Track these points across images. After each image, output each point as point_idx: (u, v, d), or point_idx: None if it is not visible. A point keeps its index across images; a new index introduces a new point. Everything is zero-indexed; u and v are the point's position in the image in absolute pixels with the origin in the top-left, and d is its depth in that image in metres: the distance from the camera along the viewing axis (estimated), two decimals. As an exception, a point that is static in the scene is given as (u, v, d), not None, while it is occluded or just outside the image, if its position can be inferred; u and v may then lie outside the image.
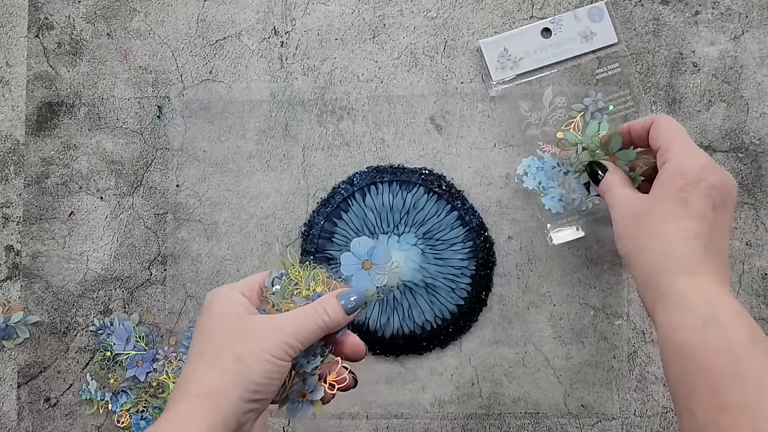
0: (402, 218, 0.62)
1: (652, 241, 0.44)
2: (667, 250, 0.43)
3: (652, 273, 0.43)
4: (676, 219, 0.43)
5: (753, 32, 0.63)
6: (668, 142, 0.47)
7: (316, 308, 0.43)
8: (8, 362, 0.63)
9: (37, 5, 0.65)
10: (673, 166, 0.45)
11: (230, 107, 0.64)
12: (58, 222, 0.63)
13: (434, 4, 0.64)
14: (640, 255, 0.44)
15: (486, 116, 0.63)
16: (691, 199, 0.43)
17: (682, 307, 0.41)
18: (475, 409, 0.61)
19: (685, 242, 0.42)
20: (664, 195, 0.44)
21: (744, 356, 0.38)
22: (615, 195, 0.49)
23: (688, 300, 0.41)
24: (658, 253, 0.43)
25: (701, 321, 0.39)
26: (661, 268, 0.43)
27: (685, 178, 0.44)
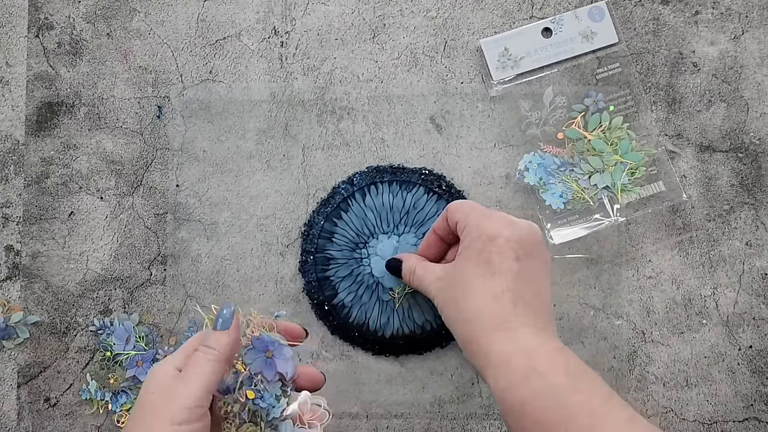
0: (402, 218, 0.62)
1: (466, 305, 0.45)
2: (480, 311, 0.44)
3: (472, 336, 0.44)
4: (482, 279, 0.44)
5: (753, 32, 0.63)
6: (464, 216, 0.48)
7: (201, 352, 0.42)
8: (8, 362, 0.63)
9: (37, 5, 0.65)
10: (470, 231, 0.46)
11: (230, 107, 0.64)
12: (58, 222, 0.63)
13: (434, 4, 0.64)
14: (457, 321, 0.45)
15: (486, 116, 0.63)
16: (492, 257, 0.44)
17: (504, 366, 0.42)
18: (475, 409, 0.62)
19: (494, 300, 0.43)
20: (468, 259, 0.45)
21: (567, 396, 0.39)
22: (420, 277, 0.51)
23: (507, 357, 0.42)
24: (473, 315, 0.44)
25: (522, 375, 0.41)
26: (478, 329, 0.44)
27: (483, 239, 0.45)
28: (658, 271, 0.62)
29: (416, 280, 0.51)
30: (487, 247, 0.45)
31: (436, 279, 0.49)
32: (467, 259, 0.45)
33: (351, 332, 0.61)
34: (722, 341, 0.61)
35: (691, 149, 0.63)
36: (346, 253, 0.62)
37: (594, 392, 0.40)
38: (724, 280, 0.62)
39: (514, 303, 0.43)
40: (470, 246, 0.46)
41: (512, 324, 0.43)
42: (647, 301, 0.62)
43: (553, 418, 0.39)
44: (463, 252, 0.46)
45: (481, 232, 0.45)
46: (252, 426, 0.42)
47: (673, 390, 0.61)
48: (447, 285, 0.47)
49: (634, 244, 0.62)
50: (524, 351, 0.42)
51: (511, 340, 0.42)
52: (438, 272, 0.49)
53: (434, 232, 0.53)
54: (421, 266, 0.51)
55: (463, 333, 0.45)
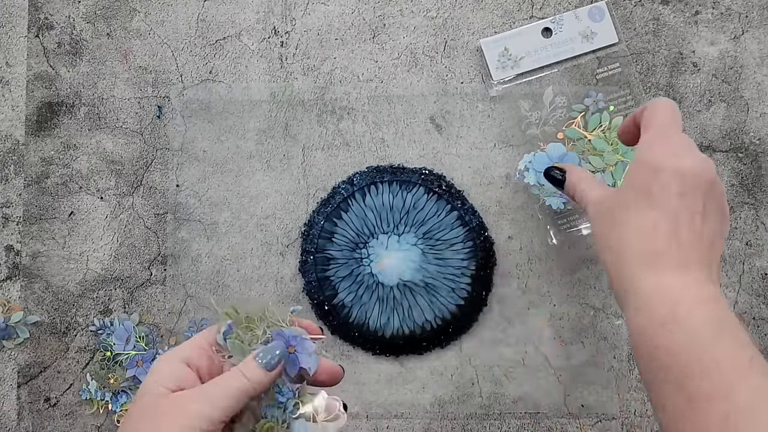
0: (402, 218, 0.62)
1: (619, 236, 0.43)
2: (629, 243, 0.42)
3: (617, 269, 0.42)
4: (639, 211, 0.42)
5: (753, 32, 0.63)
6: (644, 126, 0.45)
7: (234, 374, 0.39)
8: (8, 362, 0.63)
9: (37, 5, 0.65)
10: (638, 155, 0.43)
11: (230, 107, 0.64)
12: (58, 222, 0.63)
13: (434, 4, 0.64)
14: (607, 251, 0.43)
15: (486, 116, 0.63)
16: (653, 190, 0.41)
17: (643, 309, 0.40)
18: (475, 409, 0.61)
19: (646, 234, 0.41)
20: (630, 187, 0.43)
21: (706, 348, 0.37)
22: (583, 195, 0.49)
23: (649, 297, 0.40)
24: (622, 248, 0.42)
25: (659, 321, 0.39)
26: (626, 263, 0.42)
27: (647, 168, 0.42)
28: (658, 271, 0.62)
29: (579, 198, 0.49)
30: (649, 178, 0.42)
31: (595, 202, 0.47)
32: (629, 186, 0.43)
33: (351, 332, 0.61)
34: (722, 341, 0.61)
35: (691, 149, 0.62)
36: (346, 253, 0.62)
37: (737, 348, 0.37)
38: (724, 280, 0.62)
39: (668, 241, 0.40)
40: (634, 172, 0.43)
41: (661, 263, 0.40)
42: (647, 301, 0.62)
43: (685, 370, 0.37)
44: (628, 176, 0.44)
45: (648, 159, 0.42)
46: (269, 422, 0.41)
47: (673, 390, 0.61)
48: (605, 210, 0.45)
49: (634, 244, 0.62)
50: (667, 295, 0.39)
51: (655, 280, 0.40)
52: (599, 194, 0.47)
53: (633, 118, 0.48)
54: (586, 183, 0.49)
55: (610, 263, 0.43)
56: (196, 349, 0.41)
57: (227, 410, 0.38)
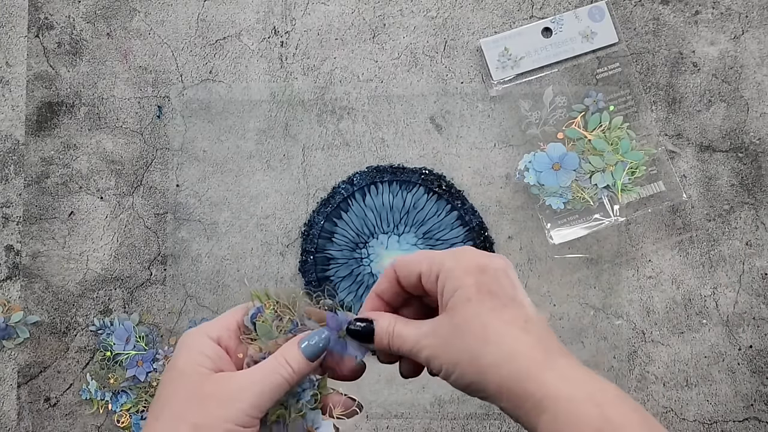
0: (402, 218, 0.62)
1: (490, 351, 0.37)
2: (513, 351, 0.37)
3: (512, 384, 0.37)
4: (496, 313, 0.37)
5: (753, 32, 0.63)
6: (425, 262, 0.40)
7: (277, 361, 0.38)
8: (8, 362, 0.63)
9: (37, 5, 0.65)
10: (452, 272, 0.39)
11: (230, 107, 0.64)
12: (58, 222, 0.63)
13: (434, 4, 0.64)
14: (485, 376, 0.37)
15: (486, 116, 0.63)
16: (492, 288, 0.38)
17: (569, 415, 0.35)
18: (475, 409, 0.61)
19: (524, 333, 0.37)
20: (466, 300, 0.38)
21: None
22: (405, 338, 0.40)
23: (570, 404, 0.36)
24: (504, 358, 0.37)
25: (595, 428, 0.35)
26: (518, 377, 0.36)
27: (472, 273, 0.38)
28: (658, 271, 0.62)
29: (398, 342, 0.40)
30: (480, 280, 0.38)
31: (425, 335, 0.39)
32: (464, 300, 0.38)
33: (351, 332, 0.61)
34: (722, 341, 0.61)
35: (691, 149, 0.63)
36: (346, 253, 0.62)
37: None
38: (724, 280, 0.62)
39: (540, 333, 0.37)
40: (460, 286, 0.38)
41: (554, 357, 0.37)
42: (647, 301, 0.62)
43: None
44: (452, 297, 0.38)
45: (466, 267, 0.38)
46: (281, 409, 0.40)
47: (673, 390, 0.61)
48: (447, 339, 0.38)
49: (634, 244, 0.62)
50: (587, 395, 0.36)
51: (564, 379, 0.36)
52: (426, 327, 0.40)
53: (377, 297, 0.43)
54: (402, 323, 0.41)
55: (499, 383, 0.37)
56: (225, 329, 0.40)
57: (271, 398, 0.37)
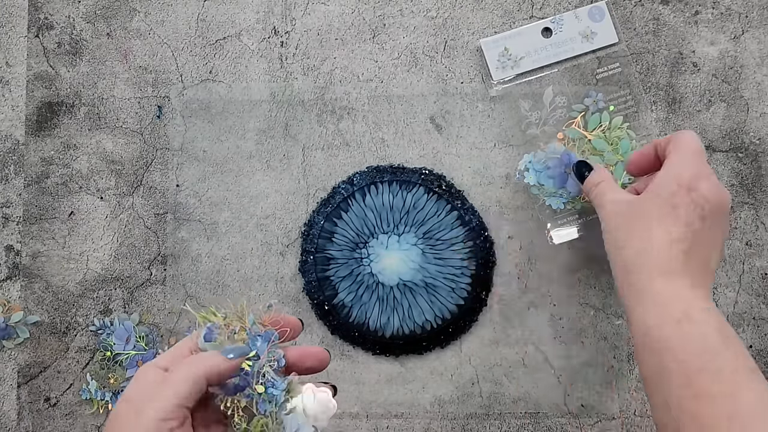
0: (402, 218, 0.62)
1: (636, 241, 0.45)
2: (649, 251, 0.44)
3: (631, 271, 0.44)
4: (663, 222, 0.44)
5: (753, 32, 0.63)
6: (674, 149, 0.47)
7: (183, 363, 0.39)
8: (8, 362, 0.63)
9: (37, 5, 0.65)
10: (668, 171, 0.46)
11: (230, 107, 0.64)
12: (58, 222, 0.63)
13: (434, 4, 0.64)
14: (621, 252, 0.45)
15: (486, 116, 0.63)
16: (680, 205, 0.44)
17: (658, 305, 0.42)
18: (475, 409, 0.62)
19: (667, 246, 0.43)
20: (656, 198, 0.45)
21: (717, 350, 0.40)
22: (602, 194, 0.50)
23: (664, 299, 0.42)
24: (639, 252, 0.44)
25: (675, 318, 0.41)
26: (641, 266, 0.44)
27: (678, 185, 0.45)
28: (658, 271, 0.62)
29: (596, 193, 0.51)
30: (679, 194, 0.44)
31: (615, 201, 0.48)
32: (656, 195, 0.45)
33: (351, 332, 0.61)
34: (722, 341, 0.61)
35: (691, 149, 0.63)
36: (346, 253, 0.62)
37: (742, 356, 0.40)
38: (724, 280, 0.62)
39: (685, 256, 0.43)
40: (664, 184, 0.45)
41: (677, 274, 0.43)
42: (647, 301, 0.62)
43: (698, 363, 0.39)
44: (655, 187, 0.46)
45: (681, 176, 0.45)
46: (264, 418, 0.40)
47: (673, 390, 0.61)
48: (626, 210, 0.47)
49: (634, 244, 0.62)
50: (682, 299, 0.42)
51: (671, 285, 0.43)
52: (620, 196, 0.48)
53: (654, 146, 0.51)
54: (608, 184, 0.51)
55: (624, 264, 0.45)
56: (177, 356, 0.40)
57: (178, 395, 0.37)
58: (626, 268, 0.45)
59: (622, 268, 0.45)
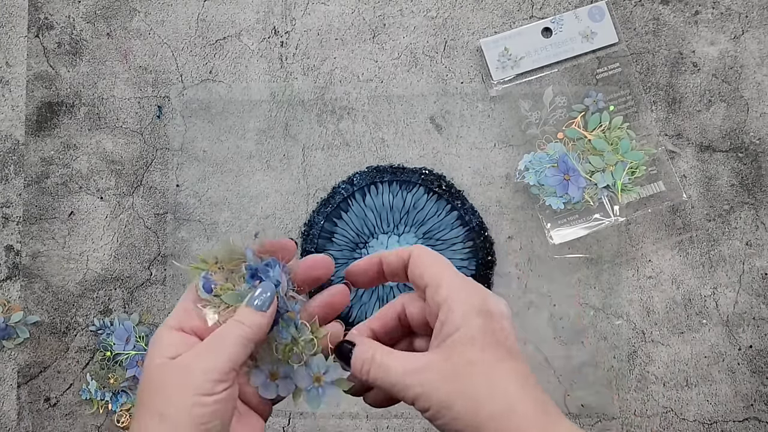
0: (402, 218, 0.62)
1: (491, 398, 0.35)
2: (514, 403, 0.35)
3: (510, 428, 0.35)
4: (502, 363, 0.36)
5: (753, 32, 0.63)
6: (435, 279, 0.38)
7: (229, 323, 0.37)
8: (8, 362, 0.63)
9: (37, 5, 0.65)
10: (458, 306, 0.37)
11: (230, 107, 0.64)
12: (58, 222, 0.63)
13: (434, 4, 0.64)
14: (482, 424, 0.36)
15: (486, 116, 0.63)
16: (500, 337, 0.37)
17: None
18: (475, 409, 0.61)
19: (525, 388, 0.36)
20: (472, 344, 0.36)
21: None
22: (387, 369, 0.38)
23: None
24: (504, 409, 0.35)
25: None
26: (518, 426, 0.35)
27: (481, 316, 0.37)
28: (658, 271, 0.62)
29: (379, 375, 0.38)
30: (490, 326, 0.37)
31: (416, 371, 0.37)
32: (466, 342, 0.36)
33: (351, 332, 0.61)
34: (722, 341, 0.61)
35: (691, 149, 0.63)
36: (346, 253, 0.62)
37: None
38: (724, 280, 0.62)
39: (537, 392, 0.36)
40: (464, 326, 0.36)
41: (554, 420, 0.35)
42: (647, 301, 0.62)
43: None
44: (453, 334, 0.37)
45: (475, 307, 0.37)
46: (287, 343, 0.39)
47: (673, 390, 0.61)
48: (447, 378, 0.36)
49: (634, 244, 0.62)
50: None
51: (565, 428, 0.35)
52: (417, 362, 0.37)
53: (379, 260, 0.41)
54: (386, 352, 0.38)
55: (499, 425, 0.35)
56: (183, 312, 0.38)
57: (232, 359, 0.36)
58: None
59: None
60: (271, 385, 0.40)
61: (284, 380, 0.40)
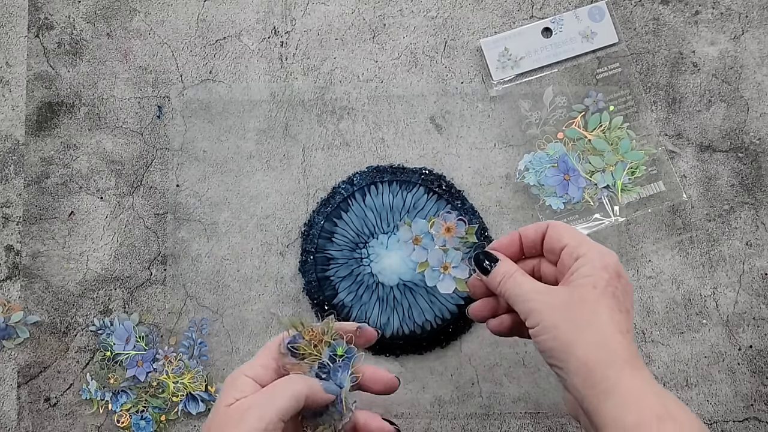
0: (402, 218, 0.62)
1: (589, 334, 0.42)
2: (607, 344, 0.41)
3: (593, 368, 0.41)
4: (610, 311, 0.42)
5: (753, 32, 0.63)
6: (578, 241, 0.45)
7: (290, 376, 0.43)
8: (8, 362, 0.63)
9: (37, 5, 0.65)
10: (593, 261, 0.44)
11: (230, 107, 0.64)
12: (58, 222, 0.63)
13: (434, 4, 0.64)
14: (575, 350, 0.42)
15: (486, 116, 0.63)
16: (617, 294, 0.43)
17: (634, 402, 0.40)
18: (475, 409, 0.62)
19: (621, 336, 0.42)
20: (593, 287, 0.43)
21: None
22: (521, 284, 0.45)
23: (638, 394, 0.40)
24: (597, 346, 0.41)
25: (656, 414, 0.39)
26: (604, 362, 0.41)
27: (610, 273, 0.43)
28: (658, 271, 0.62)
29: (512, 287, 0.46)
30: (613, 282, 0.43)
31: (541, 293, 0.44)
32: (592, 286, 0.43)
33: (351, 332, 0.62)
34: (722, 341, 0.61)
35: (691, 149, 0.63)
36: (346, 253, 0.62)
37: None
38: (724, 280, 0.62)
39: (633, 346, 0.42)
40: (593, 275, 0.43)
41: (639, 364, 0.41)
42: (647, 301, 0.62)
43: None
44: (582, 278, 0.43)
45: (607, 265, 0.43)
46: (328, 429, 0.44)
47: (673, 390, 0.61)
48: (561, 303, 0.43)
49: (634, 244, 0.62)
50: (657, 393, 0.40)
51: (640, 378, 0.41)
52: (543, 287, 0.45)
53: (519, 235, 0.48)
54: (521, 274, 0.46)
55: (581, 360, 0.41)
56: (261, 367, 0.43)
57: (280, 411, 0.40)
58: (587, 366, 0.41)
59: (581, 366, 0.41)
60: None
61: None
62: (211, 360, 0.62)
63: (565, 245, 0.45)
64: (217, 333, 0.62)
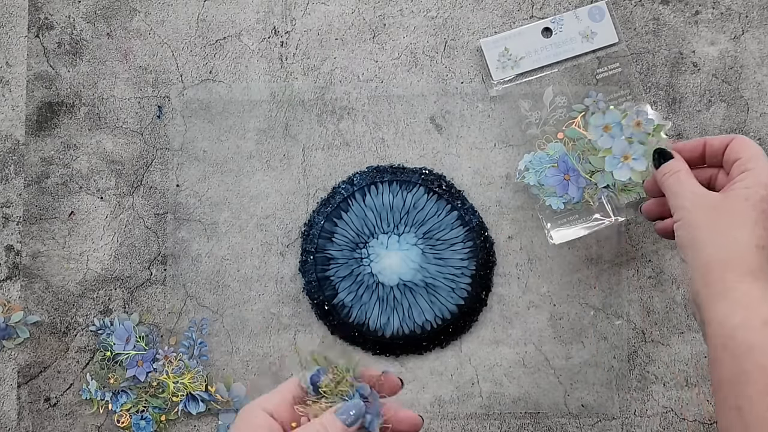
0: (402, 218, 0.62)
1: (721, 239, 0.44)
2: (735, 251, 0.43)
3: (713, 269, 0.44)
4: (754, 224, 0.44)
5: (753, 32, 0.63)
6: (751, 155, 0.47)
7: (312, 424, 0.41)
8: (8, 362, 0.63)
9: (37, 5, 0.65)
10: (757, 176, 0.46)
11: (230, 107, 0.64)
12: (58, 222, 0.63)
13: (434, 4, 0.64)
14: (703, 249, 0.45)
15: (486, 116, 0.63)
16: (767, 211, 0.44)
17: (744, 306, 0.41)
18: (475, 409, 0.62)
19: (756, 248, 0.43)
20: (745, 200, 0.45)
21: None
22: (680, 183, 0.49)
23: (750, 300, 0.41)
24: (726, 249, 0.44)
25: (762, 320, 0.40)
26: (726, 266, 0.43)
27: (767, 191, 0.45)
28: (658, 271, 0.62)
29: (673, 183, 0.49)
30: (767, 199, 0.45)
31: (697, 194, 0.47)
32: (744, 198, 0.45)
33: (351, 332, 0.61)
34: (722, 341, 0.61)
35: (691, 149, 0.63)
36: (346, 253, 0.62)
37: None
38: (724, 280, 0.62)
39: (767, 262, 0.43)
40: (751, 188, 0.45)
41: (764, 277, 0.43)
42: (647, 301, 0.62)
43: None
44: (739, 189, 0.45)
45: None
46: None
47: (673, 390, 0.61)
48: (710, 207, 0.46)
49: (634, 244, 0.62)
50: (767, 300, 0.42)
51: (757, 288, 0.42)
52: (702, 190, 0.47)
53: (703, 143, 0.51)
54: (688, 174, 0.49)
55: (707, 259, 0.44)
56: (280, 402, 0.42)
57: None
58: (708, 265, 0.44)
59: (703, 265, 0.44)
60: None
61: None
62: (211, 360, 0.62)
63: (739, 158, 0.47)
64: (217, 333, 0.62)
